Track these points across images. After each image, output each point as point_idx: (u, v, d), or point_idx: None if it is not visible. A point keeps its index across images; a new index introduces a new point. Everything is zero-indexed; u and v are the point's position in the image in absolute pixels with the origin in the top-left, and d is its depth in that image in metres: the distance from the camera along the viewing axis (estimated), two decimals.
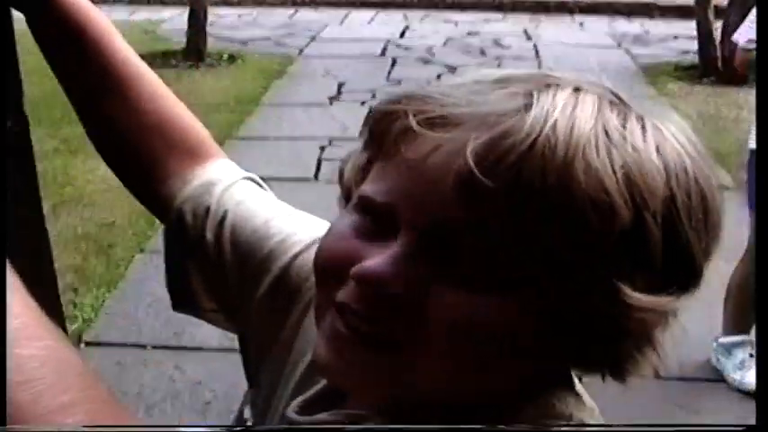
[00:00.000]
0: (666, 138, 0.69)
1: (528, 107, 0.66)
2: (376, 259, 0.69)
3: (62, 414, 0.52)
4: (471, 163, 0.64)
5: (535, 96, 0.67)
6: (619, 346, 0.72)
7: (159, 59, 8.49)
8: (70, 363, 0.55)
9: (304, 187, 5.34)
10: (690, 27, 9.23)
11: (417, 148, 0.68)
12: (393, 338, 0.70)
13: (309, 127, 6.87)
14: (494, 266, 0.67)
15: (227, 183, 1.07)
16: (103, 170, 1.21)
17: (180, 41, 9.19)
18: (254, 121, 7.21)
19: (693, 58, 8.87)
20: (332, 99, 7.80)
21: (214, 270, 1.05)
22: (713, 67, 8.33)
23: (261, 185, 1.12)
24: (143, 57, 1.13)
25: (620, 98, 0.71)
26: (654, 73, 8.74)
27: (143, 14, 11.38)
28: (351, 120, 6.58)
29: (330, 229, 0.77)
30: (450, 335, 0.68)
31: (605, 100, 0.69)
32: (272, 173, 5.73)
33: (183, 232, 1.06)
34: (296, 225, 1.03)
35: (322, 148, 6.24)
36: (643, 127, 0.69)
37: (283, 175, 5.66)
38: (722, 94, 7.62)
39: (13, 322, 0.53)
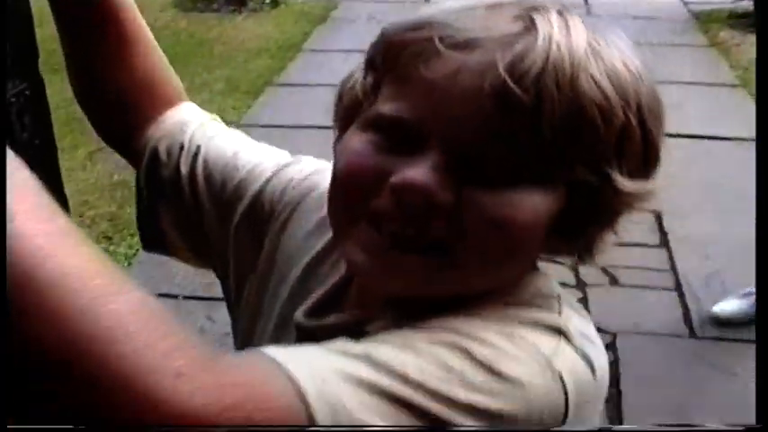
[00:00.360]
0: (619, 46, 0.81)
1: (530, 29, 0.77)
2: (414, 170, 0.76)
3: (170, 359, 0.54)
4: (507, 78, 0.73)
5: (536, 20, 0.77)
6: (594, 229, 0.85)
7: (201, 3, 8.38)
8: (160, 310, 0.56)
9: None
10: None
11: (440, 69, 0.76)
12: (438, 241, 0.78)
13: None
14: (519, 169, 0.77)
15: (198, 122, 1.15)
16: None
17: None
18: (296, 67, 7.15)
19: (748, 5, 8.59)
20: None
21: (187, 207, 1.11)
22: None
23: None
24: (183, 1, 1.11)
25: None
26: (706, 20, 8.50)
27: None
28: None
29: (346, 148, 0.83)
30: (486, 231, 0.77)
31: (579, 19, 0.80)
32: (312, 120, 5.69)
33: (156, 171, 1.12)
34: (261, 155, 1.12)
35: None
36: (604, 39, 0.80)
37: (322, 123, 5.57)
38: None
39: (96, 280, 0.53)
